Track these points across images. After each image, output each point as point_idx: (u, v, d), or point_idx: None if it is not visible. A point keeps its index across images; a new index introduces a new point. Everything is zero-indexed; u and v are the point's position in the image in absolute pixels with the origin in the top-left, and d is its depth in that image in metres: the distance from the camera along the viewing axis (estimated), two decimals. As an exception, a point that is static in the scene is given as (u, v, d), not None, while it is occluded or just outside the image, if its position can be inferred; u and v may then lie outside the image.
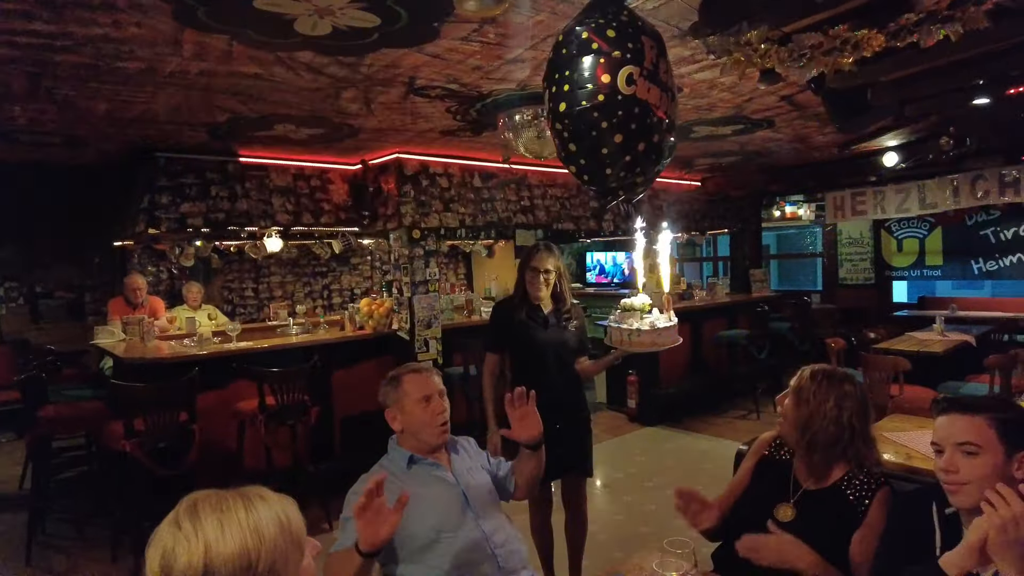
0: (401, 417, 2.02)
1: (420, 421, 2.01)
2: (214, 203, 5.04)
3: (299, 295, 8.55)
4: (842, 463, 1.92)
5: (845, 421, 1.90)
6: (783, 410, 2.01)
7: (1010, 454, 1.48)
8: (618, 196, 1.79)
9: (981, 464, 1.48)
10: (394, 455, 2.05)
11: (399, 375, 2.07)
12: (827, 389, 1.92)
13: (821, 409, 1.90)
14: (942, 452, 1.57)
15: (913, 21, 1.49)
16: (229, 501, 1.06)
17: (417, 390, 2.02)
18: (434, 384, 2.06)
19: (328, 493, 4.44)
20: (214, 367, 4.54)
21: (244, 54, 2.89)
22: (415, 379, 2.05)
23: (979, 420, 1.51)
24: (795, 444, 1.98)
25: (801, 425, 1.92)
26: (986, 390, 4.87)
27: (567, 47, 1.69)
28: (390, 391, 2.05)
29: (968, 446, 1.50)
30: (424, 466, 2.02)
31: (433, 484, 1.99)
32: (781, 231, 12.10)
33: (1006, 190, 6.18)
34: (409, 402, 2.01)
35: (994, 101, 3.21)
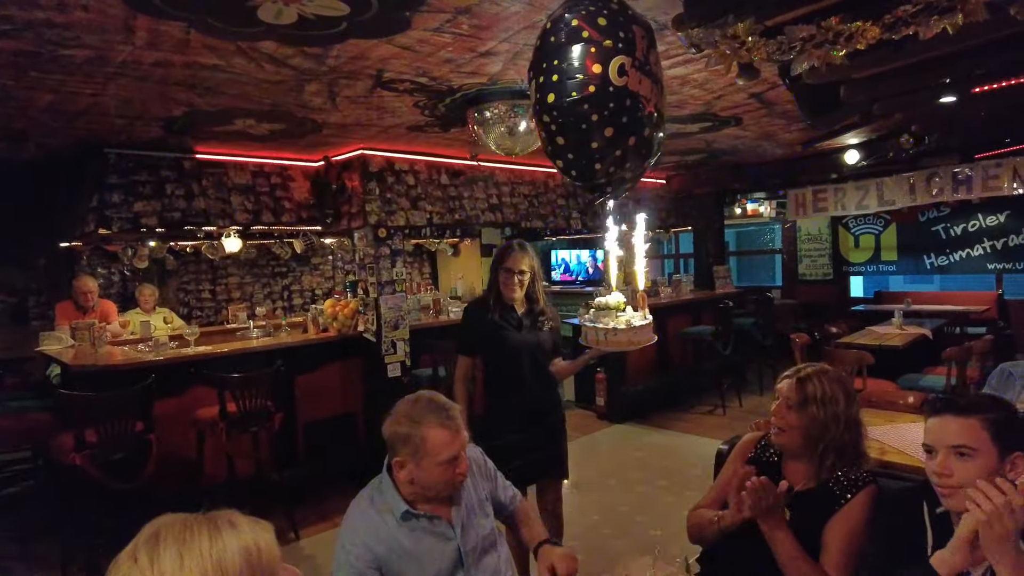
0: (415, 473, 1.71)
1: (437, 483, 1.73)
2: (169, 202, 4.81)
3: (258, 296, 8.30)
4: (833, 460, 1.89)
5: (853, 416, 1.88)
6: (779, 421, 1.94)
7: (1003, 456, 1.48)
8: (605, 192, 1.72)
9: (975, 467, 1.47)
10: (387, 495, 1.76)
11: (422, 425, 1.70)
12: (833, 388, 1.89)
13: (833, 411, 1.86)
14: (934, 454, 1.55)
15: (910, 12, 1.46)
16: (194, 530, 0.96)
17: (444, 451, 1.69)
18: (462, 439, 1.74)
19: (293, 501, 4.31)
20: (171, 373, 4.35)
21: (202, 43, 2.73)
22: (442, 437, 1.69)
23: (973, 422, 1.49)
24: (803, 453, 1.93)
25: (815, 433, 1.87)
26: (943, 382, 5.01)
27: (556, 35, 1.60)
28: (407, 439, 1.70)
29: (963, 448, 1.49)
30: (421, 520, 1.76)
31: (427, 538, 1.76)
32: (741, 228, 12.28)
33: (959, 188, 6.37)
34: (430, 463, 1.69)
35: (960, 100, 3.27)
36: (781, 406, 1.93)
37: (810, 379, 1.91)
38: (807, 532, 1.84)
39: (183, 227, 4.92)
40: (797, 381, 1.92)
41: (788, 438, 1.93)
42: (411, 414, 1.73)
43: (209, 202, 5.00)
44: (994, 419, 1.50)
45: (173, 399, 4.38)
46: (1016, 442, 1.50)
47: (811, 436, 1.88)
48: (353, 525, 1.74)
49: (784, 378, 1.98)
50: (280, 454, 4.77)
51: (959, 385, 4.96)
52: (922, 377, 5.41)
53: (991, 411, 1.52)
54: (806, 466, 1.93)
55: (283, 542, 4.17)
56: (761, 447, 2.11)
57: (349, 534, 1.73)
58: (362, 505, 1.78)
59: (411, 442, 1.70)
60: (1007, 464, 1.48)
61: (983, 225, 8.35)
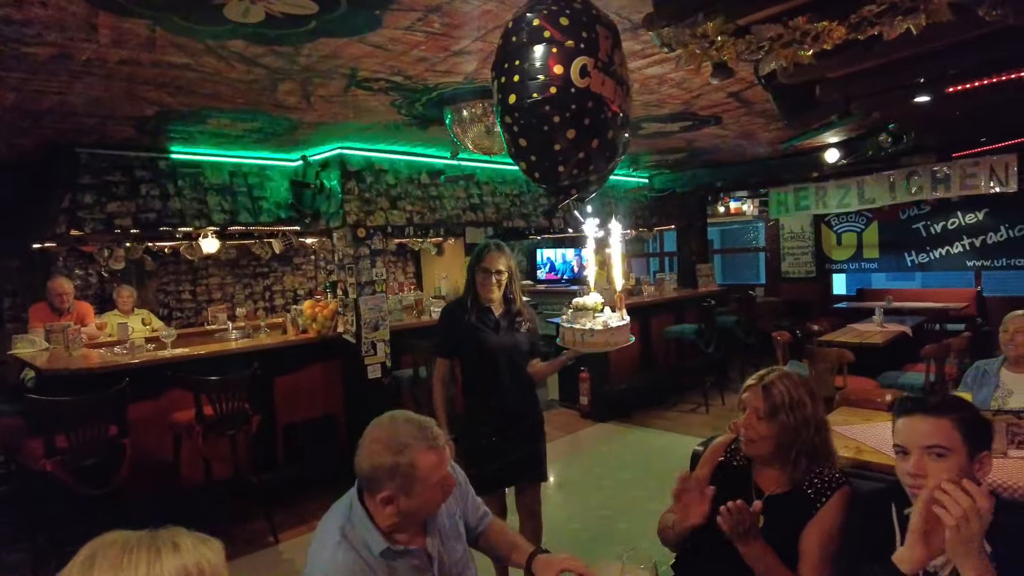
0: (404, 502, 1.56)
1: (429, 506, 1.62)
2: (144, 202, 4.73)
3: (239, 297, 8.21)
4: (805, 463, 1.88)
5: (820, 417, 1.87)
6: (750, 432, 1.90)
7: (972, 455, 1.48)
8: (570, 195, 1.69)
9: (949, 466, 1.47)
10: (361, 529, 1.59)
11: (408, 451, 1.55)
12: (799, 392, 1.87)
13: (803, 415, 1.85)
14: (907, 454, 1.54)
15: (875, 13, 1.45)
16: (133, 553, 0.92)
17: (435, 473, 1.58)
18: (448, 455, 1.65)
19: (272, 504, 4.27)
20: (147, 376, 4.30)
21: (169, 42, 2.68)
22: (431, 459, 1.57)
23: (945, 422, 1.49)
24: (775, 459, 1.91)
25: (788, 440, 1.85)
26: (923, 379, 5.03)
27: (517, 35, 1.58)
28: (395, 471, 1.54)
29: (937, 448, 1.48)
30: (400, 558, 1.62)
31: (402, 572, 1.63)
32: (725, 227, 12.33)
33: (937, 186, 6.42)
34: (422, 488, 1.56)
35: (934, 99, 3.28)
36: (750, 417, 1.89)
37: (775, 386, 1.88)
38: (782, 536, 1.83)
39: (159, 228, 4.84)
40: (763, 389, 1.89)
41: (760, 448, 1.90)
42: (391, 442, 1.56)
43: (185, 202, 4.93)
44: (964, 418, 1.50)
45: (149, 402, 4.32)
46: (983, 441, 1.50)
47: (783, 444, 1.85)
48: (325, 562, 1.56)
49: (748, 388, 1.94)
50: (259, 457, 4.72)
51: (938, 382, 4.99)
52: (902, 374, 5.44)
53: (961, 411, 1.52)
54: (778, 471, 1.91)
55: (262, 545, 4.16)
56: (731, 451, 2.09)
57: (321, 573, 1.56)
58: (332, 538, 1.59)
59: (399, 473, 1.54)
60: (975, 463, 1.48)
61: (962, 223, 8.43)
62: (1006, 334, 3.29)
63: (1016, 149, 5.86)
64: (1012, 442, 2.53)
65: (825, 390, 5.01)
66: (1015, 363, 3.29)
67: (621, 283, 2.45)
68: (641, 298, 7.51)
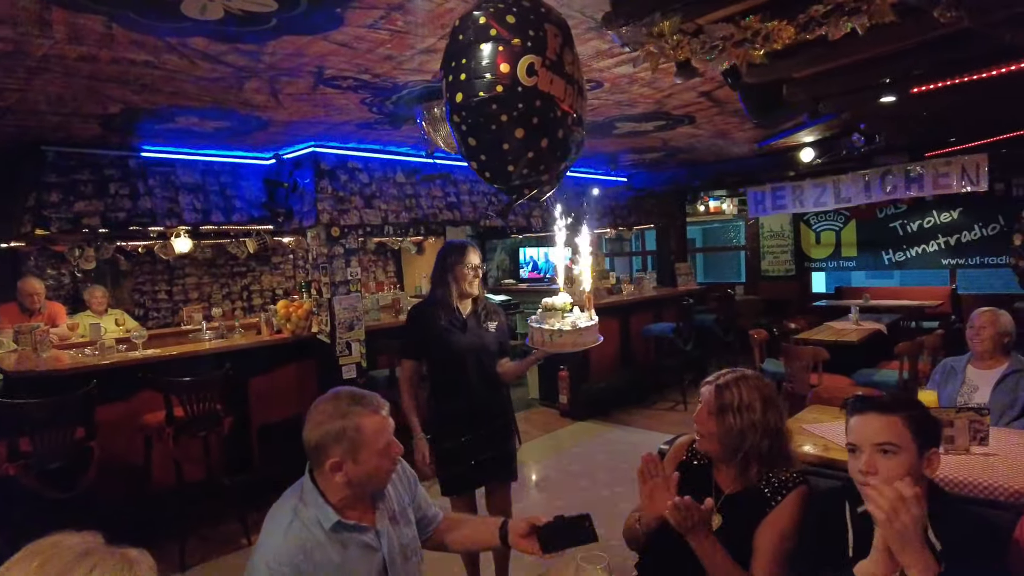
0: (351, 468, 1.61)
1: (376, 474, 1.66)
2: (113, 201, 4.66)
3: (216, 297, 8.15)
4: (756, 467, 1.89)
5: (772, 423, 1.87)
6: (701, 428, 1.92)
7: (921, 452, 1.49)
8: (524, 194, 1.68)
9: (898, 464, 1.48)
10: (312, 506, 1.64)
11: (353, 415, 1.62)
12: (751, 396, 1.87)
13: (750, 419, 1.84)
14: (859, 453, 1.55)
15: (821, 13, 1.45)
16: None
17: (380, 437, 1.64)
18: (391, 422, 1.71)
19: (246, 506, 4.23)
20: (117, 377, 4.24)
21: (127, 38, 2.64)
22: (376, 422, 1.64)
23: (896, 419, 1.51)
24: (723, 459, 1.92)
25: (733, 441, 1.86)
26: (896, 376, 5.08)
27: (464, 33, 1.56)
28: (340, 435, 1.60)
29: (888, 446, 1.50)
30: (351, 532, 1.66)
31: (355, 552, 1.67)
32: (706, 225, 12.39)
33: (911, 185, 6.48)
34: (368, 453, 1.61)
35: (899, 99, 3.30)
36: (702, 412, 1.91)
37: (728, 387, 1.88)
38: (739, 536, 1.84)
39: (128, 227, 4.77)
40: (716, 388, 1.90)
41: (709, 444, 1.92)
42: (336, 411, 1.63)
43: (156, 201, 4.87)
44: (914, 416, 1.51)
45: (119, 404, 4.27)
46: (932, 439, 1.52)
47: (728, 444, 1.86)
48: (276, 541, 1.59)
49: (705, 384, 1.96)
50: (233, 458, 4.69)
51: (911, 380, 5.04)
52: (876, 372, 5.48)
53: (910, 409, 1.54)
54: (735, 470, 1.92)
55: (235, 547, 4.12)
56: (693, 450, 2.10)
57: (272, 551, 1.58)
58: (285, 517, 1.64)
59: (345, 437, 1.60)
60: (924, 460, 1.49)
61: (937, 222, 8.52)
62: (972, 330, 3.33)
63: (987, 149, 5.93)
64: (974, 439, 2.56)
65: (800, 388, 5.06)
66: (980, 359, 3.33)
67: (589, 283, 2.44)
68: (621, 297, 7.53)
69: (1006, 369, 3.22)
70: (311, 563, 1.58)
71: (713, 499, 1.94)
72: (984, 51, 2.71)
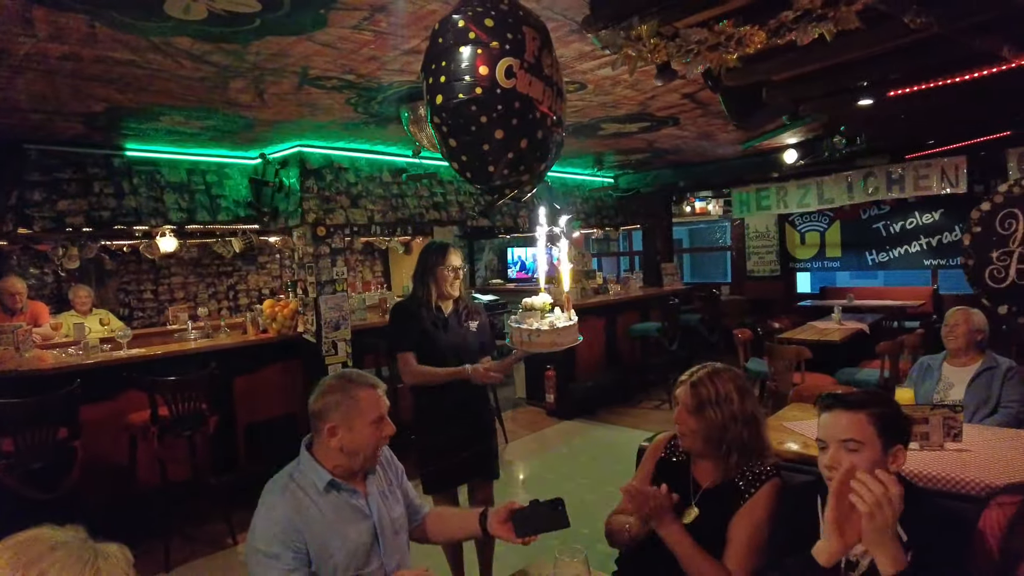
0: (346, 435, 1.77)
1: (367, 444, 1.80)
2: (97, 200, 4.64)
3: (202, 296, 8.12)
4: (737, 457, 1.92)
5: (749, 411, 1.91)
6: (681, 427, 1.95)
7: (886, 448, 1.53)
8: (504, 195, 1.71)
9: (862, 459, 1.52)
10: (308, 470, 1.79)
11: (352, 388, 1.81)
12: (727, 388, 1.91)
13: (730, 410, 1.89)
14: (826, 448, 1.60)
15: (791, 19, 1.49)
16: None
17: (374, 409, 1.81)
18: (386, 403, 1.87)
19: (232, 505, 4.22)
20: (102, 377, 4.23)
21: (111, 38, 2.64)
22: (371, 396, 1.82)
23: (861, 416, 1.55)
24: (708, 453, 1.95)
25: (715, 435, 1.89)
26: (878, 375, 5.15)
27: (443, 36, 1.59)
28: (339, 403, 1.78)
29: (851, 443, 1.54)
30: (343, 493, 1.81)
31: (348, 514, 1.80)
32: (693, 226, 12.48)
33: (892, 187, 6.57)
34: (362, 422, 1.78)
35: (877, 103, 3.36)
36: (681, 411, 1.95)
37: (703, 382, 1.93)
38: (716, 528, 1.87)
39: (113, 226, 4.75)
40: (691, 386, 1.94)
41: (690, 442, 1.95)
42: (339, 384, 1.83)
43: (141, 200, 4.85)
44: (880, 413, 1.55)
45: (103, 404, 4.26)
46: (897, 436, 1.56)
47: (711, 438, 1.90)
48: (274, 499, 1.73)
49: (679, 383, 2.00)
50: (220, 458, 4.68)
51: (892, 378, 5.11)
52: (858, 371, 5.55)
53: (877, 406, 1.58)
54: (713, 464, 1.95)
55: (220, 547, 4.12)
56: (671, 447, 2.14)
57: (270, 507, 1.72)
58: (281, 482, 1.78)
59: (344, 404, 1.78)
60: (889, 456, 1.53)
61: (920, 223, 8.63)
62: (946, 328, 3.40)
63: (966, 152, 6.03)
64: (948, 435, 2.61)
65: (783, 386, 5.12)
66: (955, 356, 3.40)
67: (569, 284, 2.47)
68: (607, 297, 7.57)
69: (980, 366, 3.29)
70: (306, 519, 1.71)
71: (692, 494, 1.98)
72: (956, 56, 2.77)
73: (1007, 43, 2.61)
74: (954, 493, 2.27)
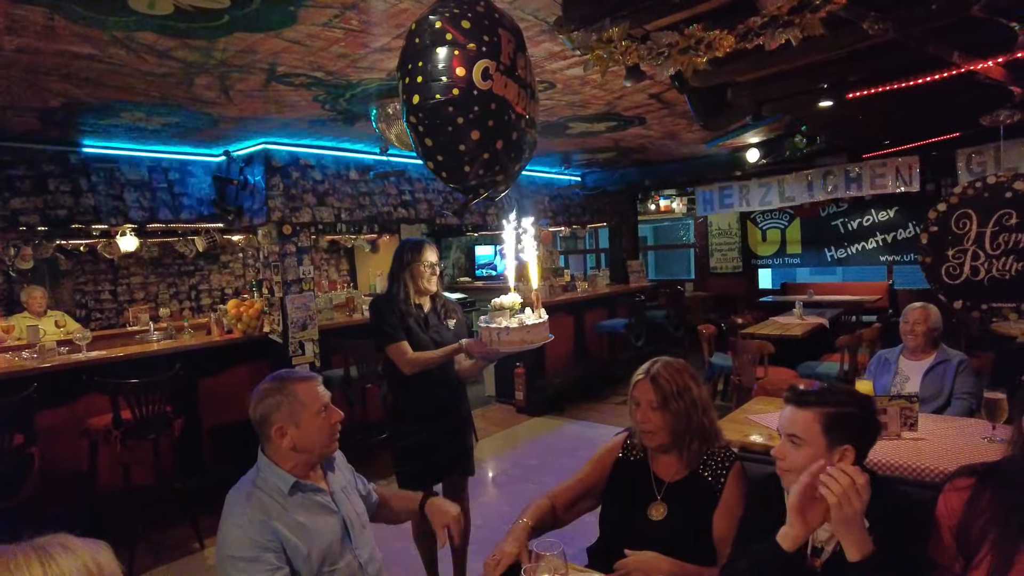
0: (295, 432, 1.76)
1: (318, 435, 1.80)
2: (53, 198, 4.50)
3: (164, 297, 7.92)
4: (697, 444, 1.96)
5: (703, 396, 1.96)
6: (647, 425, 1.96)
7: (831, 447, 1.58)
8: (479, 194, 1.72)
9: (802, 455, 1.59)
10: (269, 476, 1.77)
11: (288, 385, 1.80)
12: (683, 378, 1.95)
13: (690, 398, 1.92)
14: (781, 439, 1.67)
15: (759, 24, 1.54)
16: (20, 560, 0.90)
17: (316, 400, 1.81)
18: (325, 392, 1.87)
19: (199, 509, 4.15)
20: (60, 381, 4.12)
21: (70, 31, 2.56)
22: (309, 388, 1.81)
23: (808, 415, 1.60)
24: (673, 446, 1.97)
25: (682, 426, 1.92)
26: (837, 368, 5.31)
27: (420, 36, 1.59)
28: (280, 403, 1.76)
29: (795, 438, 1.61)
30: (308, 492, 1.81)
31: (316, 512, 1.81)
32: (657, 224, 12.64)
33: (851, 185, 6.78)
34: (307, 415, 1.78)
35: (836, 104, 3.47)
36: (645, 410, 1.96)
37: (661, 376, 1.95)
38: (685, 520, 1.91)
39: (70, 225, 4.62)
40: (651, 381, 1.95)
41: (658, 438, 1.96)
42: (272, 386, 1.80)
43: (99, 199, 4.72)
44: (829, 413, 1.60)
45: (62, 408, 4.15)
46: (845, 436, 1.59)
47: (678, 429, 1.93)
48: (241, 507, 1.71)
49: (636, 382, 2.00)
50: (185, 461, 4.58)
51: (851, 371, 5.27)
52: (819, 364, 5.71)
53: (831, 406, 1.61)
54: (675, 457, 1.99)
55: (186, 552, 4.04)
56: (627, 446, 2.14)
57: (238, 514, 1.70)
58: (245, 490, 1.76)
59: (284, 404, 1.76)
60: (835, 454, 1.57)
61: (876, 220, 8.90)
62: (906, 324, 3.52)
63: (919, 152, 6.25)
64: (905, 425, 2.73)
65: (747, 380, 5.24)
66: (912, 351, 3.52)
67: (536, 282, 2.49)
68: (575, 294, 7.64)
69: (934, 360, 3.42)
70: (279, 522, 1.70)
71: (656, 490, 2.01)
72: (910, 61, 2.88)
73: (957, 49, 2.72)
74: (911, 480, 2.36)
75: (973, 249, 3.61)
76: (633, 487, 2.03)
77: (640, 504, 1.99)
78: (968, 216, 3.61)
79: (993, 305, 3.60)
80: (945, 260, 3.71)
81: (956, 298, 3.72)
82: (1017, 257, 3.46)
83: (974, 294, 3.65)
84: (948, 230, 3.67)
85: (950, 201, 3.67)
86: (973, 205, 3.59)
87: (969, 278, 3.64)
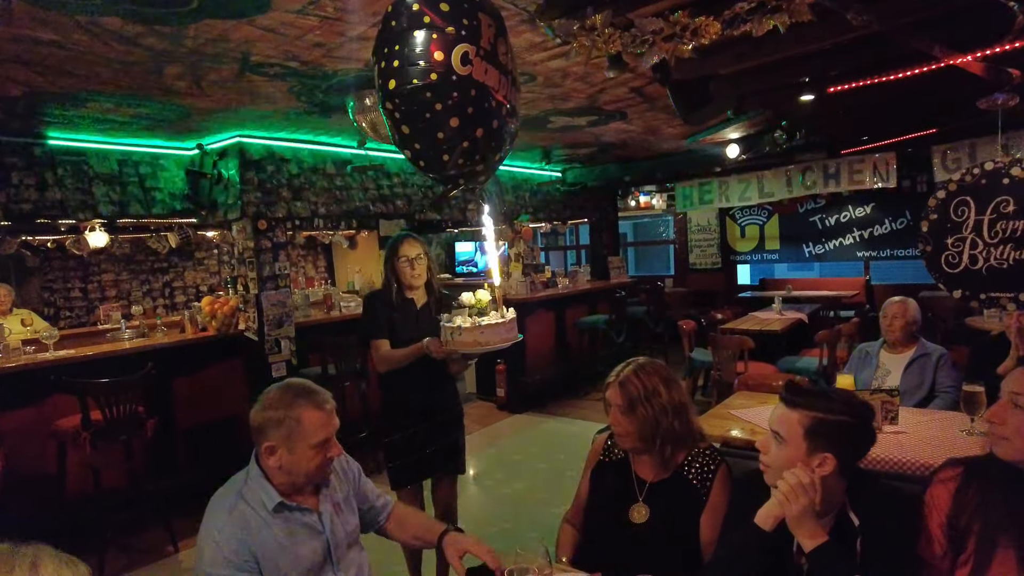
0: (285, 457, 1.65)
1: (308, 468, 1.68)
2: (17, 192, 4.36)
3: (136, 294, 7.75)
4: (670, 448, 1.92)
5: (677, 400, 1.92)
6: (618, 428, 1.93)
7: (811, 451, 1.55)
8: (458, 184, 1.67)
9: (782, 454, 1.58)
10: (257, 487, 1.68)
11: (296, 409, 1.66)
12: (652, 382, 1.90)
13: (660, 403, 1.89)
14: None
15: (746, 10, 1.51)
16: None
17: (318, 432, 1.66)
18: (335, 423, 1.72)
19: (173, 512, 4.05)
20: (25, 381, 4.00)
21: (30, 15, 2.46)
22: (317, 418, 1.67)
23: (794, 416, 1.59)
24: (646, 450, 1.94)
25: (650, 430, 1.89)
26: (816, 363, 5.34)
27: (397, 19, 1.53)
28: (281, 422, 1.64)
29: (776, 435, 1.60)
30: (294, 512, 1.71)
31: (299, 532, 1.71)
32: (637, 220, 12.67)
33: (829, 181, 6.83)
34: (304, 445, 1.65)
35: (817, 98, 3.46)
36: (615, 413, 1.93)
37: (629, 381, 1.91)
38: (669, 521, 1.88)
39: (35, 220, 4.47)
40: (619, 386, 1.92)
41: (630, 442, 1.94)
42: (284, 399, 1.68)
43: (67, 193, 4.57)
44: (813, 418, 1.57)
45: (28, 409, 4.02)
46: (826, 444, 1.56)
47: (646, 434, 1.89)
48: (221, 520, 1.63)
49: (608, 386, 1.98)
50: (158, 463, 4.47)
51: (830, 365, 5.30)
52: (799, 359, 5.74)
53: (818, 411, 1.58)
54: (653, 458, 1.95)
55: (160, 555, 3.94)
56: (608, 447, 2.12)
57: (217, 529, 1.62)
58: (229, 499, 1.68)
59: (284, 425, 1.65)
60: (816, 459, 1.55)
61: (853, 216, 9.00)
62: (885, 319, 3.54)
63: (895, 148, 6.31)
64: (886, 418, 2.73)
65: (727, 376, 5.25)
66: (892, 345, 3.55)
67: (499, 280, 2.38)
68: (556, 290, 7.62)
69: (914, 354, 3.44)
70: (257, 540, 1.63)
71: (637, 491, 1.98)
72: (891, 56, 2.88)
73: (938, 43, 2.72)
74: (893, 473, 2.36)
75: (971, 237, 3.62)
76: (615, 488, 1.99)
77: (622, 506, 1.96)
78: (967, 203, 3.61)
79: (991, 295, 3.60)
80: (945, 248, 3.71)
81: (955, 287, 3.71)
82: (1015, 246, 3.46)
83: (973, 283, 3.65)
84: (947, 218, 3.66)
85: (949, 188, 3.66)
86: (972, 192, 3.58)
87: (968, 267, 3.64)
